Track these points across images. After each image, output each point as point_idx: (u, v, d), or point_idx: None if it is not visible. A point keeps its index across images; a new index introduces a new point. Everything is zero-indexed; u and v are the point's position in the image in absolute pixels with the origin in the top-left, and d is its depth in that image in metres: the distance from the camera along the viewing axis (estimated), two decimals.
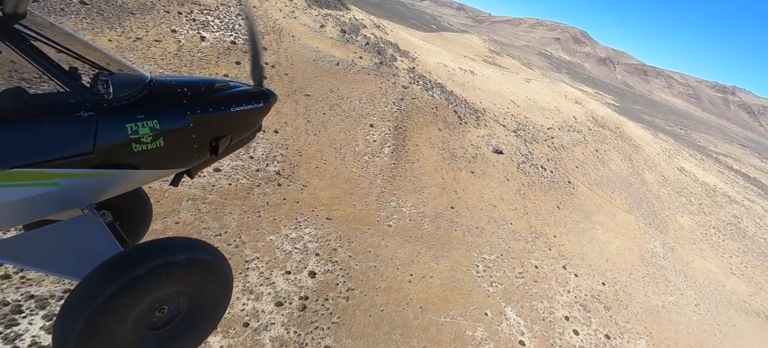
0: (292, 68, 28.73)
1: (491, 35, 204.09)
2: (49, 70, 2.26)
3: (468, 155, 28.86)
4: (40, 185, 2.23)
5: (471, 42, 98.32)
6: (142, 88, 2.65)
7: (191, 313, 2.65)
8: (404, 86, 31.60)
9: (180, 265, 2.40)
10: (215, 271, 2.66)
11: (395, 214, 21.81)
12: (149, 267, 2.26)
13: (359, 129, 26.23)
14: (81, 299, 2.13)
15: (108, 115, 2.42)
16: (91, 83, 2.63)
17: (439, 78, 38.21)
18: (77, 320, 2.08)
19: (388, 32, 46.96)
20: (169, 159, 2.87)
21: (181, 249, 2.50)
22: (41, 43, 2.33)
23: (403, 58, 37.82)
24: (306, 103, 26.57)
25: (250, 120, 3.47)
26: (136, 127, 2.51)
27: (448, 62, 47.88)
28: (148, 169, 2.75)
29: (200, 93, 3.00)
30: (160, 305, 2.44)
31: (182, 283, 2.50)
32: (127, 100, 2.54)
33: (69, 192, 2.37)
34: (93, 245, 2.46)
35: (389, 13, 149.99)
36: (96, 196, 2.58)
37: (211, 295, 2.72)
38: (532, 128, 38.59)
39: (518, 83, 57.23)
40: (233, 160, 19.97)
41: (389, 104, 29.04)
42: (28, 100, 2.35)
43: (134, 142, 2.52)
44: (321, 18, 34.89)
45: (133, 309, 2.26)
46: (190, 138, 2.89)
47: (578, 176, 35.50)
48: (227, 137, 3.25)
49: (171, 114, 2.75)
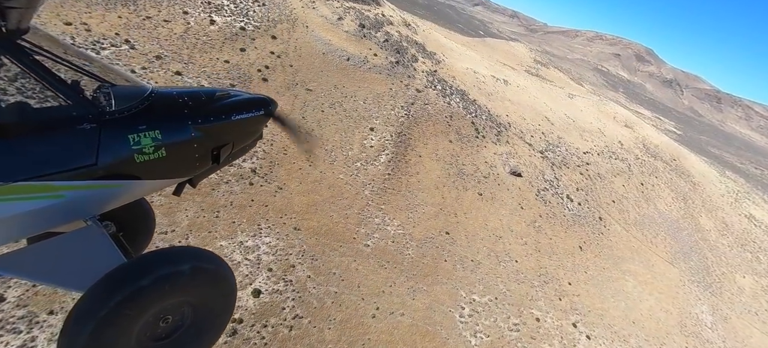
0: (298, 60, 26.76)
1: (542, 46, 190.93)
2: (51, 84, 2.24)
3: (479, 174, 25.06)
4: (44, 198, 2.20)
5: (516, 50, 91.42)
6: (143, 100, 2.64)
7: (195, 323, 2.60)
8: (418, 90, 28.38)
9: (184, 275, 2.36)
10: (219, 280, 2.62)
11: (377, 233, 18.91)
12: (153, 277, 2.22)
13: (357, 131, 23.57)
14: (85, 311, 2.09)
15: (110, 127, 2.40)
16: (93, 96, 2.61)
17: (463, 84, 34.37)
18: (82, 332, 2.03)
19: (419, 32, 43.69)
20: (171, 169, 2.85)
21: (185, 259, 2.47)
22: (44, 58, 2.28)
23: (426, 60, 34.50)
24: (305, 98, 24.44)
25: (250, 128, 3.44)
26: (139, 138, 2.50)
27: (480, 68, 43.59)
28: (150, 179, 2.73)
29: (201, 103, 2.97)
30: (165, 316, 2.40)
31: (186, 293, 2.45)
32: (129, 111, 2.53)
33: (73, 204, 2.34)
34: (97, 257, 2.41)
35: (436, 15, 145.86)
36: (99, 207, 2.55)
37: (215, 304, 2.68)
38: (564, 150, 33.45)
39: (559, 98, 51.17)
40: None
41: (396, 108, 26.05)
42: (32, 113, 2.35)
43: (136, 153, 2.51)
44: (341, 10, 32.64)
45: (137, 320, 2.22)
46: (192, 148, 2.85)
47: (613, 212, 29.98)
48: (229, 146, 3.22)
49: (172, 124, 2.73)
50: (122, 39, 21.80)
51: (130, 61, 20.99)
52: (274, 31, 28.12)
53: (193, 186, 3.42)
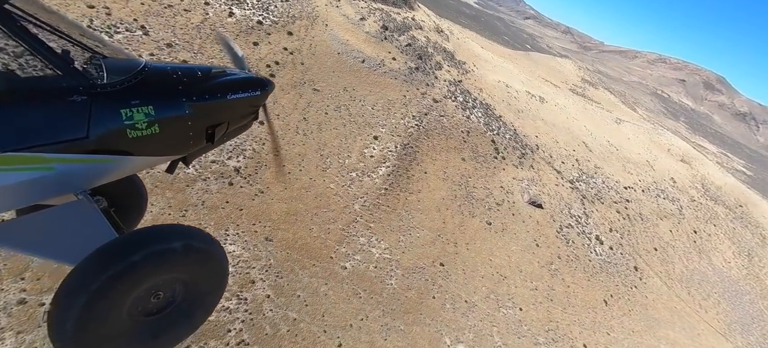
0: (311, 58, 25.27)
1: (595, 64, 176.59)
2: (40, 53, 2.16)
3: (490, 200, 21.84)
4: (34, 170, 2.14)
5: (562, 67, 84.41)
6: (136, 74, 2.54)
7: (187, 301, 2.59)
8: (435, 99, 25.69)
9: (176, 252, 2.34)
10: (211, 259, 2.61)
11: (358, 254, 16.63)
12: (145, 253, 2.20)
13: (359, 138, 21.46)
14: (77, 285, 2.07)
15: (102, 100, 2.32)
16: (85, 67, 2.51)
17: (490, 98, 31.01)
18: (74, 305, 2.01)
19: (451, 39, 40.78)
20: (164, 146, 2.78)
21: (178, 236, 2.43)
22: (32, 25, 2.19)
23: (451, 68, 31.63)
24: (310, 99, 22.82)
25: (246, 108, 3.42)
26: (131, 113, 2.42)
27: (514, 82, 39.68)
28: (142, 155, 2.66)
29: (196, 80, 2.90)
30: (156, 291, 2.40)
31: (178, 270, 2.45)
32: (122, 85, 2.43)
33: (63, 177, 2.29)
34: (88, 231, 2.36)
35: (481, 25, 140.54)
36: (90, 181, 2.49)
37: (207, 283, 2.67)
38: (600, 182, 28.83)
39: (603, 122, 45.44)
40: None
41: (407, 117, 23.60)
42: (20, 82, 2.24)
43: (129, 128, 2.43)
44: (366, 11, 30.83)
45: (128, 295, 2.21)
46: (186, 125, 2.80)
47: (654, 263, 25.03)
48: (223, 125, 3.16)
49: (166, 100, 2.65)
50: (138, 24, 21.51)
51: (141, 46, 20.58)
52: (292, 27, 26.95)
53: (187, 164, 3.31)
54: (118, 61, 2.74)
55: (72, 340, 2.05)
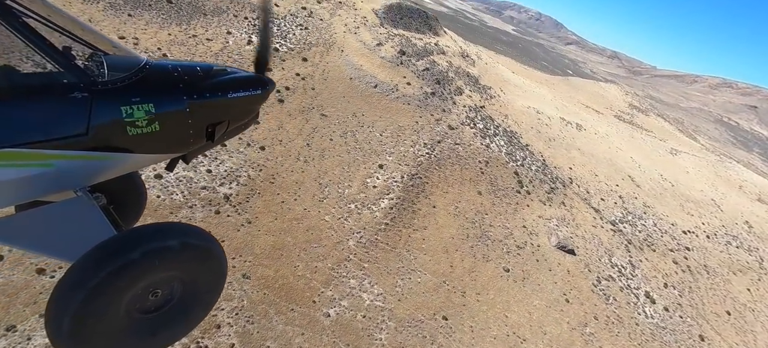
0: (322, 83, 24.48)
1: (646, 90, 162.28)
2: (41, 49, 2.11)
3: (510, 242, 18.66)
4: (33, 166, 2.13)
5: (607, 92, 77.64)
6: (137, 71, 2.52)
7: (184, 299, 2.56)
8: (451, 126, 23.42)
9: (174, 250, 2.32)
10: (210, 257, 2.59)
11: (346, 300, 14.42)
12: (144, 250, 2.18)
13: (363, 167, 19.72)
14: (75, 281, 2.05)
15: (102, 97, 2.30)
16: (86, 64, 2.49)
17: (517, 125, 27.99)
18: (71, 302, 1.99)
19: (477, 64, 38.58)
20: (164, 143, 2.72)
21: (176, 234, 2.42)
22: (34, 21, 2.14)
23: (474, 93, 29.29)
24: (317, 124, 21.72)
25: (247, 107, 3.32)
26: (131, 110, 2.39)
27: (547, 108, 36.13)
28: (142, 153, 2.63)
29: (197, 78, 2.85)
30: (154, 289, 2.37)
31: (176, 267, 2.42)
32: (122, 82, 2.42)
33: (62, 173, 2.28)
34: (86, 228, 2.35)
35: (518, 51, 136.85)
36: (89, 178, 2.47)
37: (205, 281, 2.65)
38: (650, 225, 24.11)
39: (655, 153, 39.66)
40: (186, 170, 16.47)
41: (418, 144, 21.53)
42: (20, 78, 2.25)
43: (129, 125, 2.40)
44: (384, 37, 29.93)
45: (126, 292, 2.19)
46: (186, 123, 2.74)
47: (727, 331, 19.69)
48: (224, 123, 3.09)
49: (167, 98, 2.61)
50: (161, 53, 22.16)
51: None
52: (307, 53, 26.62)
53: (186, 162, 3.26)
54: (119, 58, 2.68)
55: (69, 337, 2.02)
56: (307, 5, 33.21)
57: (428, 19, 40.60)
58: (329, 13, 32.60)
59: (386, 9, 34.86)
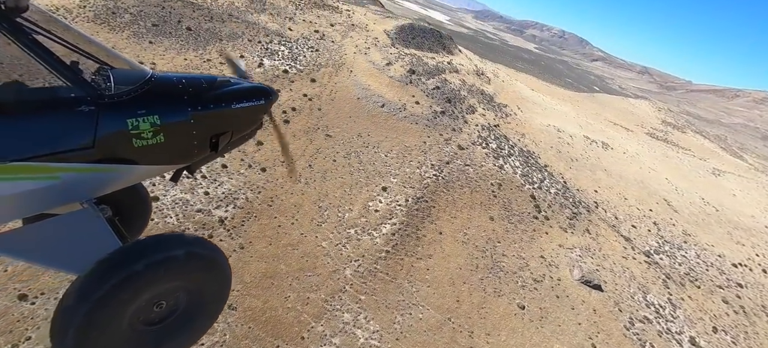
0: (329, 103, 24.06)
1: (682, 106, 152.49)
2: (49, 64, 2.15)
3: (526, 274, 16.70)
4: (40, 179, 2.13)
5: (637, 108, 73.13)
6: (143, 84, 2.55)
7: (189, 309, 2.54)
8: (461, 146, 22.04)
9: (179, 261, 2.30)
10: (214, 267, 2.57)
11: (338, 337, 13.09)
12: (148, 262, 2.17)
13: (366, 189, 18.68)
14: (80, 294, 2.02)
15: (109, 110, 2.32)
16: (92, 78, 2.50)
17: (535, 144, 26.13)
18: (76, 315, 1.98)
19: (494, 82, 37.22)
20: (169, 154, 2.77)
21: (180, 244, 2.40)
22: (43, 37, 2.20)
23: (487, 112, 27.86)
24: (321, 145, 21.09)
25: (250, 117, 3.35)
26: (137, 123, 2.41)
27: (569, 126, 33.87)
28: (148, 164, 2.65)
29: (201, 89, 2.89)
30: (159, 301, 2.36)
31: (181, 278, 2.41)
32: (128, 95, 2.43)
33: (69, 186, 2.28)
34: (92, 240, 2.34)
35: (541, 69, 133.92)
36: (96, 190, 2.48)
37: (210, 291, 2.64)
38: (692, 257, 21.12)
39: (694, 174, 35.93)
40: (184, 192, 16.13)
41: (425, 166, 20.28)
42: (29, 93, 2.26)
43: (135, 137, 2.43)
44: (394, 56, 29.44)
45: (131, 304, 2.17)
46: (191, 134, 2.78)
47: None
48: (228, 134, 3.13)
49: (172, 109, 2.65)
50: None
51: None
52: (316, 74, 26.49)
53: (191, 173, 3.28)
54: (125, 71, 2.66)
55: None
56: (319, 28, 33.61)
57: (442, 39, 40.02)
58: (341, 36, 32.76)
59: (398, 30, 34.63)
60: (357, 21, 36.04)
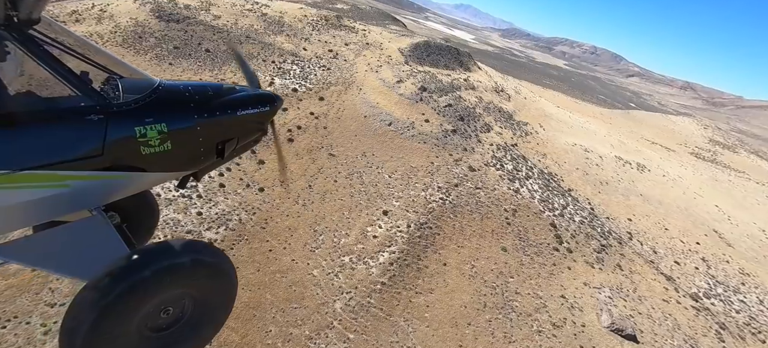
0: (336, 122, 23.34)
1: (733, 123, 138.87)
2: (61, 74, 2.22)
3: (544, 318, 14.38)
4: (51, 187, 2.18)
5: (680, 126, 66.92)
6: (150, 92, 2.60)
7: (195, 316, 2.57)
8: (472, 168, 20.25)
9: (185, 267, 2.34)
10: (219, 274, 2.60)
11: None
12: (155, 269, 2.20)
13: (365, 213, 17.40)
14: (88, 300, 2.07)
15: (117, 119, 2.37)
16: (102, 87, 2.59)
17: (557, 166, 23.73)
18: (84, 321, 2.01)
19: (515, 99, 35.16)
20: (176, 161, 2.80)
21: (186, 251, 2.43)
22: (54, 48, 2.29)
23: (504, 130, 25.92)
24: (323, 164, 20.22)
25: (255, 123, 3.38)
26: (145, 130, 2.46)
27: (598, 145, 30.91)
28: (155, 171, 2.70)
29: (207, 97, 2.92)
30: (165, 307, 2.39)
31: (187, 285, 2.45)
32: (136, 103, 2.50)
33: (78, 193, 2.33)
34: (101, 246, 2.40)
35: (570, 86, 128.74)
36: (104, 198, 2.54)
37: (215, 298, 2.64)
38: (752, 302, 17.59)
39: (751, 201, 31.34)
40: (177, 212, 15.66)
41: (431, 188, 18.71)
42: (40, 103, 2.32)
43: (142, 145, 2.47)
44: (406, 74, 28.48)
45: (138, 310, 2.21)
46: (197, 141, 2.82)
47: None
48: (233, 140, 3.17)
49: (178, 117, 2.69)
50: None
51: None
52: (325, 92, 26.02)
53: (198, 180, 3.29)
54: (133, 80, 2.71)
55: None
56: (334, 48, 33.58)
57: (459, 55, 38.76)
58: (354, 54, 32.44)
59: (412, 47, 33.84)
60: (372, 40, 35.74)
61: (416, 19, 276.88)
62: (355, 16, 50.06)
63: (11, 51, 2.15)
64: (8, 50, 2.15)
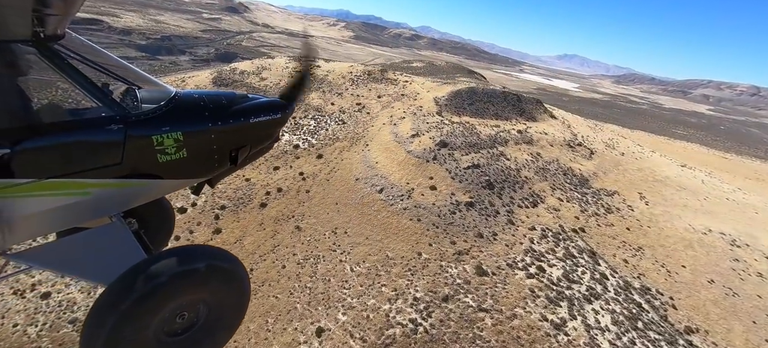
0: (322, 185, 18.95)
1: None
2: (83, 87, 2.30)
3: None
4: (73, 194, 2.24)
5: None
6: (167, 102, 2.67)
7: (210, 321, 2.59)
8: (483, 269, 12.38)
9: (200, 273, 2.38)
10: (234, 279, 2.62)
11: None
12: (172, 274, 2.24)
13: (293, 327, 11.84)
14: (108, 304, 2.11)
15: (136, 128, 2.43)
16: (121, 98, 2.67)
17: (662, 272, 13.30)
18: (104, 325, 2.05)
19: (599, 155, 24.74)
20: (191, 169, 2.85)
21: (202, 257, 2.46)
22: (77, 62, 2.36)
23: (567, 203, 16.85)
24: (281, 240, 15.69)
25: (267, 130, 3.43)
26: (162, 139, 2.53)
27: (761, 233, 17.71)
28: (172, 178, 2.76)
29: (221, 106, 2.97)
30: (181, 312, 2.41)
31: (202, 290, 2.47)
32: (154, 113, 2.56)
33: (99, 201, 2.39)
34: (120, 252, 2.46)
35: (718, 134, 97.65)
36: (123, 204, 2.61)
37: (230, 302, 2.66)
38: None
39: None
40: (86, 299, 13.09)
41: (402, 299, 11.84)
42: (64, 114, 2.43)
43: (160, 153, 2.54)
44: (431, 126, 22.61)
45: (155, 315, 2.24)
46: (212, 148, 2.87)
47: None
48: (246, 147, 3.21)
49: (194, 126, 2.75)
50: None
51: None
52: (327, 149, 22.22)
53: (212, 186, 3.35)
54: (151, 90, 2.80)
55: None
56: (363, 100, 30.48)
57: (521, 102, 30.65)
58: (382, 106, 28.46)
59: (451, 95, 27.90)
60: (409, 91, 31.50)
61: (509, 72, 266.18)
62: (419, 71, 47.26)
63: (37, 65, 2.21)
64: (34, 64, 2.23)
